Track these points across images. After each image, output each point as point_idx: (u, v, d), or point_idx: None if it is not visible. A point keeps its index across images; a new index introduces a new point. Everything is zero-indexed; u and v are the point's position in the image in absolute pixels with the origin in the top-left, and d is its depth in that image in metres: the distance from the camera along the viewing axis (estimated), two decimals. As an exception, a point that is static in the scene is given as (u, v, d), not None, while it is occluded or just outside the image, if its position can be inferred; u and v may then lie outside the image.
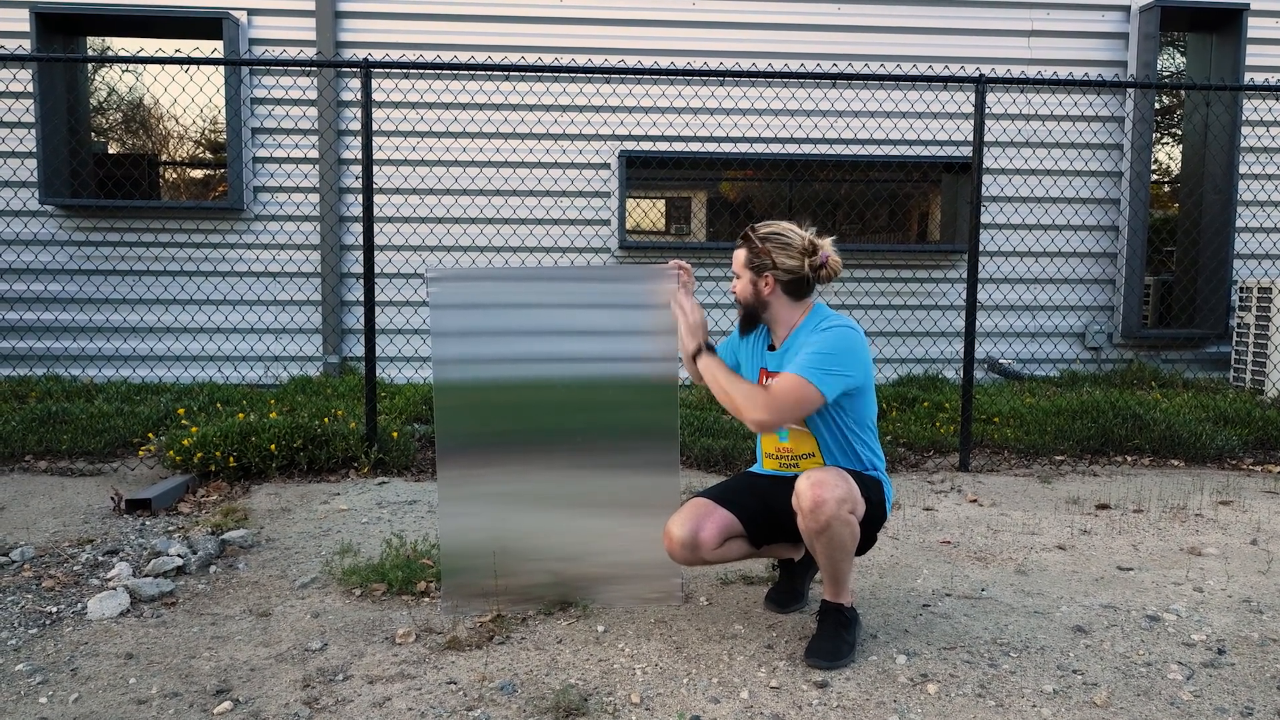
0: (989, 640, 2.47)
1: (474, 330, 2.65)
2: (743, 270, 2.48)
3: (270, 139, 6.74)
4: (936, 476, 4.45)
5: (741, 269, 2.49)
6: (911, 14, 7.03)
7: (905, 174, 7.54)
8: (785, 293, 2.45)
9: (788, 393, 2.28)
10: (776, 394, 2.29)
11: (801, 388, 2.26)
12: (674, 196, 9.67)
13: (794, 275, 2.42)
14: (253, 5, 6.67)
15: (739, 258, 2.49)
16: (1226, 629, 2.57)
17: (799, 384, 2.27)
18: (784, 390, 2.28)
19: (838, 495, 2.20)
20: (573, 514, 2.68)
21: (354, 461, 4.39)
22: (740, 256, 2.48)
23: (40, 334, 6.66)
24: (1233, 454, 4.81)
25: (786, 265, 2.42)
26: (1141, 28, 6.98)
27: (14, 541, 3.29)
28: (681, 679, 2.24)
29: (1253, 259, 7.22)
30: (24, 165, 6.48)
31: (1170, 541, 3.41)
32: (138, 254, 6.69)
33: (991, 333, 7.16)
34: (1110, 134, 7.15)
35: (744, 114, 6.94)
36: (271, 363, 6.80)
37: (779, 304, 2.46)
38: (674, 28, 6.91)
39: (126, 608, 2.67)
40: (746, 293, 2.48)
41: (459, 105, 6.73)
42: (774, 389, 2.30)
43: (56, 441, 4.55)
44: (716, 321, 6.85)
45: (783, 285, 2.44)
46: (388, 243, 6.76)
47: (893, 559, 3.17)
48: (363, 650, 2.40)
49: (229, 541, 3.27)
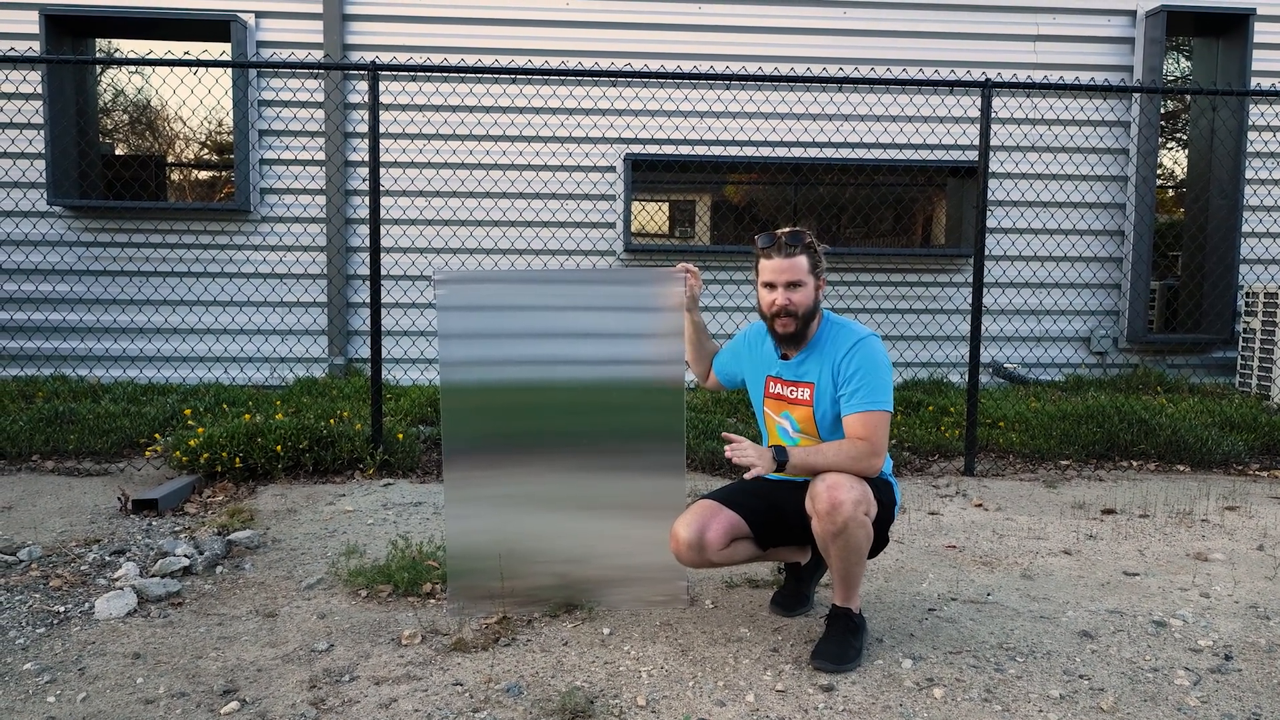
0: (995, 645, 2.47)
1: (480, 332, 2.65)
2: (808, 278, 2.40)
3: (277, 141, 6.76)
4: (942, 481, 4.45)
5: (807, 276, 2.40)
6: (917, 19, 7.03)
7: (911, 178, 7.53)
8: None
9: (879, 428, 2.31)
10: (874, 437, 2.30)
11: (886, 420, 2.33)
12: (679, 199, 9.68)
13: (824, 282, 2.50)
14: (261, 8, 6.69)
15: (801, 265, 2.39)
16: (1233, 635, 2.56)
17: (884, 418, 2.32)
18: (877, 427, 2.31)
19: (854, 497, 2.20)
20: (578, 516, 2.68)
21: (359, 463, 4.40)
22: (803, 263, 2.39)
23: (48, 334, 6.68)
24: (1239, 459, 4.80)
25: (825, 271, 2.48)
26: (1147, 32, 6.97)
27: (22, 541, 3.30)
28: (687, 682, 2.24)
29: (1259, 264, 7.20)
30: (33, 166, 6.51)
31: (1176, 547, 3.40)
32: (145, 255, 6.72)
33: (997, 337, 7.15)
34: (1116, 139, 7.14)
35: (749, 117, 6.95)
36: (278, 364, 6.82)
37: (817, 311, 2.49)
38: (679, 31, 6.92)
39: (134, 608, 2.68)
40: (809, 300, 2.40)
41: (465, 108, 6.74)
42: (870, 431, 2.30)
43: (64, 441, 4.56)
44: (722, 326, 6.85)
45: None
46: (394, 245, 6.77)
47: (898, 563, 3.17)
48: (369, 651, 2.41)
49: (235, 542, 3.28)
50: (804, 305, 2.39)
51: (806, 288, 2.39)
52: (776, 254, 2.40)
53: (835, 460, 2.28)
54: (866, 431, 2.30)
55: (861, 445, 2.29)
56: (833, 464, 2.27)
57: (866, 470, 2.29)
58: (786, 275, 2.37)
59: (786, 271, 2.37)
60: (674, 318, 2.65)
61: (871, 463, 2.29)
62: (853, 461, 2.28)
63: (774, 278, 2.39)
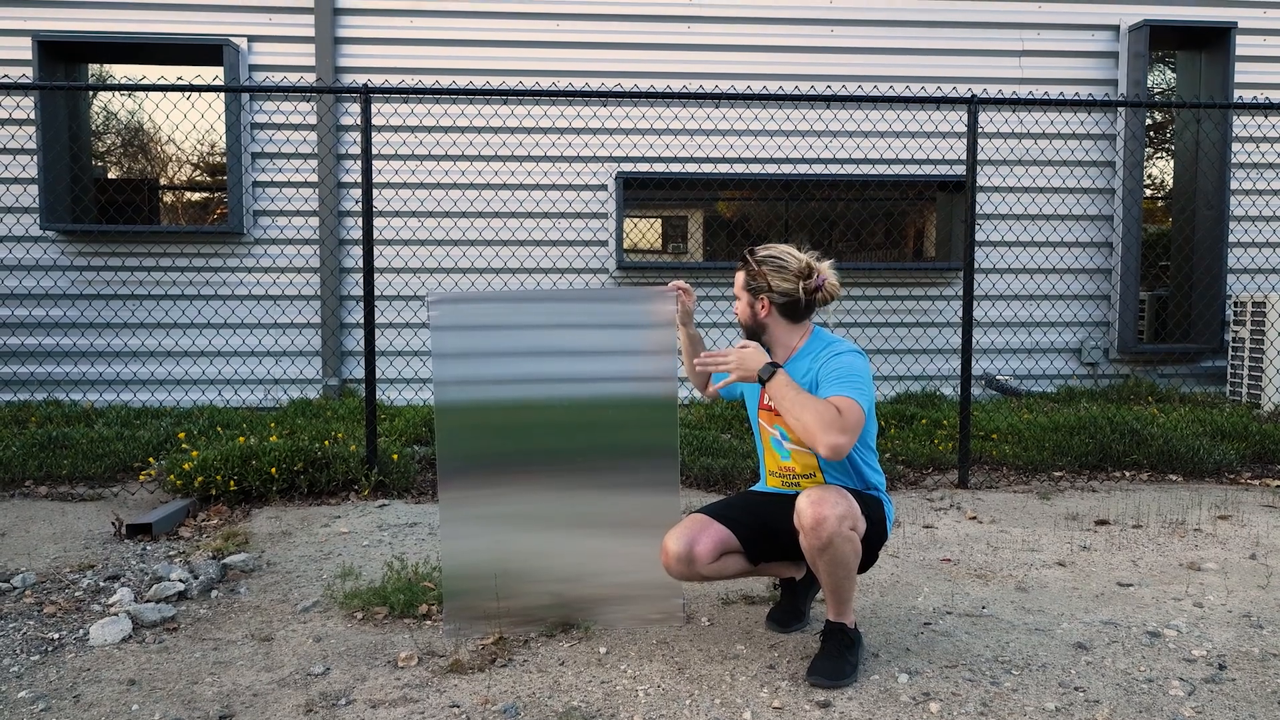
0: (990, 658, 2.48)
1: (474, 352, 2.66)
2: (741, 292, 2.53)
3: (270, 163, 6.79)
4: (936, 494, 4.46)
5: (740, 291, 2.53)
6: (905, 35, 7.12)
7: (900, 193, 7.59)
8: (782, 315, 2.48)
9: (852, 411, 2.23)
10: (847, 415, 2.22)
11: (858, 408, 2.24)
12: (671, 217, 9.73)
13: (788, 298, 2.45)
14: (253, 32, 6.74)
15: (738, 280, 2.53)
16: (1227, 644, 2.57)
17: (860, 411, 2.24)
18: (850, 409, 2.23)
19: (838, 512, 2.21)
20: (574, 534, 2.68)
21: (354, 484, 4.39)
22: (739, 279, 2.53)
23: (41, 359, 6.67)
24: (1230, 468, 4.83)
25: (781, 288, 2.45)
26: (1131, 46, 7.07)
27: (15, 568, 3.29)
28: (684, 700, 2.24)
29: (1245, 274, 7.27)
30: (26, 191, 6.53)
31: (1170, 557, 3.42)
32: (138, 278, 6.72)
33: (988, 349, 7.19)
34: (1102, 151, 7.21)
35: (740, 135, 7.01)
36: (272, 386, 6.81)
37: (776, 326, 2.49)
38: (670, 51, 6.99)
39: (128, 633, 2.67)
40: (745, 315, 2.53)
41: (458, 129, 6.79)
42: (845, 409, 2.23)
43: (57, 467, 4.55)
44: (715, 341, 6.88)
45: (779, 308, 2.47)
46: (387, 265, 6.79)
47: (893, 577, 3.18)
48: (365, 674, 2.40)
49: (230, 566, 3.27)
50: (742, 317, 2.55)
51: (741, 302, 2.54)
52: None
53: (807, 412, 2.21)
54: (843, 408, 2.23)
55: (835, 414, 2.21)
56: (804, 414, 2.21)
57: (830, 443, 2.17)
58: (734, 288, 2.57)
59: (734, 284, 2.56)
60: (666, 334, 2.67)
61: (838, 439, 2.17)
62: (821, 425, 2.18)
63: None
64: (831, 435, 2.18)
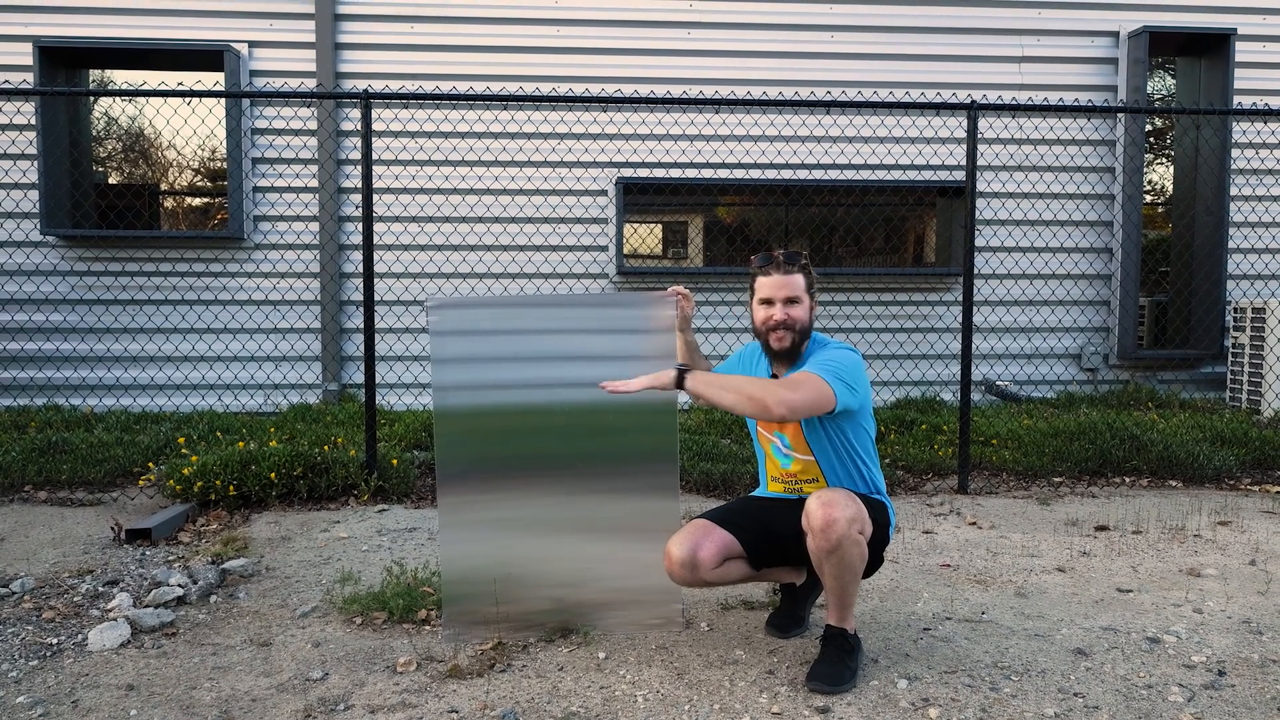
0: (990, 664, 2.47)
1: (474, 357, 2.67)
2: (804, 295, 2.47)
3: (270, 168, 6.80)
4: (935, 499, 4.46)
5: (804, 294, 2.47)
6: (905, 41, 7.13)
7: (900, 198, 7.60)
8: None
9: (807, 380, 2.25)
10: (796, 380, 2.26)
11: (819, 382, 2.25)
12: (671, 222, 9.74)
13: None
14: (253, 38, 6.76)
15: (800, 283, 2.46)
16: (1226, 650, 2.57)
17: (816, 378, 2.26)
18: (803, 378, 2.26)
19: (848, 515, 2.22)
20: (573, 539, 2.68)
21: (354, 489, 4.39)
22: (801, 282, 2.46)
23: (41, 364, 6.67)
24: (1230, 474, 4.82)
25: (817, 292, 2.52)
26: (1131, 53, 7.08)
27: (14, 573, 3.29)
28: (683, 705, 2.24)
29: (1245, 279, 7.27)
30: (26, 197, 6.54)
31: (1169, 563, 3.42)
32: (139, 283, 6.73)
33: (988, 355, 7.19)
34: (1102, 157, 7.22)
35: (740, 140, 7.02)
36: (271, 391, 6.82)
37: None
38: (670, 56, 7.00)
39: (127, 638, 2.67)
40: (805, 317, 2.47)
41: (458, 134, 6.80)
42: (793, 377, 2.29)
43: (56, 472, 4.55)
44: (715, 347, 6.88)
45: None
46: (387, 270, 6.80)
47: (893, 582, 3.18)
48: (364, 679, 2.40)
49: (229, 571, 3.27)
50: (800, 320, 2.45)
51: (803, 304, 2.46)
52: (775, 271, 2.46)
53: (747, 385, 2.23)
54: (795, 375, 2.29)
55: (779, 384, 2.24)
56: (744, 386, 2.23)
57: (781, 399, 2.18)
58: (785, 291, 2.43)
59: (785, 288, 2.43)
60: (666, 340, 2.67)
61: (788, 395, 2.18)
62: (764, 389, 2.20)
63: (772, 293, 2.44)
64: (775, 394, 2.20)
